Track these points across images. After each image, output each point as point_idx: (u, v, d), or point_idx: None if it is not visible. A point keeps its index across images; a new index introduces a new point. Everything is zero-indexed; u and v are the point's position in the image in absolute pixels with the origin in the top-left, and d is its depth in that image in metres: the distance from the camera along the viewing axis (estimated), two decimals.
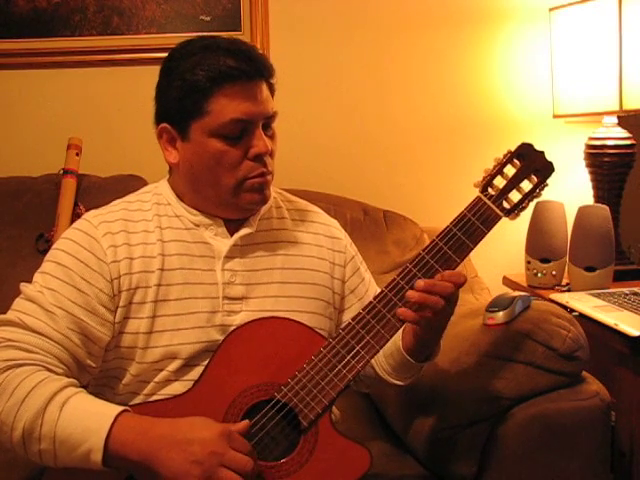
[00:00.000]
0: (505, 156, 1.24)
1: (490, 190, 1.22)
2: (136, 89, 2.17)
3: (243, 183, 1.21)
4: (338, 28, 2.23)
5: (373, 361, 1.32)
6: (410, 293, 1.15)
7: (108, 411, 1.06)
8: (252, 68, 1.19)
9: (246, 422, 1.10)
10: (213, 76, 1.17)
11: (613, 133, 2.12)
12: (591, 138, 2.15)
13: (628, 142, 2.11)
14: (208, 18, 2.17)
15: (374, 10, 2.23)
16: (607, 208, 2.00)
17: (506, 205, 1.22)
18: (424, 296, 1.14)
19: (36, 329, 1.12)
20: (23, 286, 1.18)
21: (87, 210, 1.35)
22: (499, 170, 1.23)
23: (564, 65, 2.15)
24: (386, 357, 1.31)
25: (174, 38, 2.16)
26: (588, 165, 2.16)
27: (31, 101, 2.19)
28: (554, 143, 2.30)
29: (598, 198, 2.15)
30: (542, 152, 1.25)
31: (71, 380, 1.11)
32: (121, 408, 1.07)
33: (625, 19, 1.94)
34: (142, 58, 2.16)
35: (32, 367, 1.09)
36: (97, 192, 1.95)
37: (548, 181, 1.26)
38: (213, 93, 1.17)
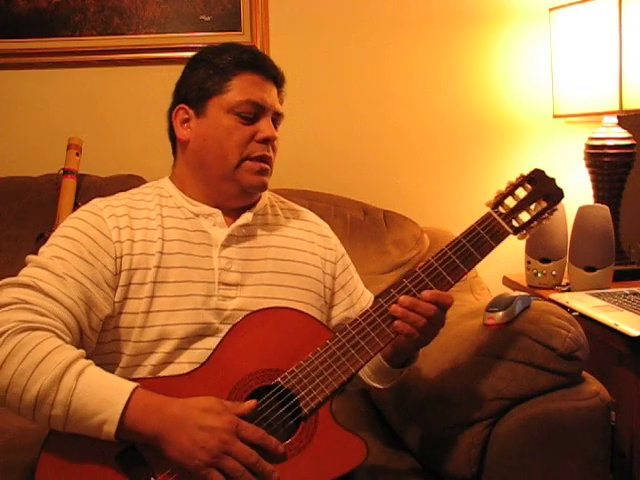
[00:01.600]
0: (517, 179, 1.30)
1: (501, 208, 1.28)
2: (136, 89, 2.18)
3: (245, 161, 1.28)
4: (338, 28, 2.23)
5: None
6: (394, 307, 1.20)
7: (124, 386, 1.10)
8: (269, 70, 1.32)
9: (253, 402, 1.13)
10: (238, 62, 1.30)
11: (613, 133, 2.12)
12: (591, 138, 2.15)
13: (628, 142, 2.11)
14: (208, 18, 2.18)
15: (374, 10, 2.23)
16: (607, 208, 2.00)
17: (515, 224, 1.28)
18: (406, 313, 1.19)
19: (49, 293, 1.15)
20: (31, 256, 1.21)
21: None
22: (511, 191, 1.29)
23: (564, 65, 2.15)
24: None
25: (174, 38, 2.21)
26: (588, 165, 2.16)
27: (31, 101, 2.19)
28: (554, 143, 2.30)
29: (598, 198, 2.15)
30: (553, 179, 1.31)
31: (82, 351, 1.14)
32: (135, 384, 1.11)
33: (625, 19, 1.94)
34: (142, 58, 2.16)
35: (46, 332, 1.11)
36: (97, 192, 1.93)
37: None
38: (236, 74, 1.29)
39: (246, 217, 1.32)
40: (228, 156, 1.28)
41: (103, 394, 1.08)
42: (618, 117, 2.12)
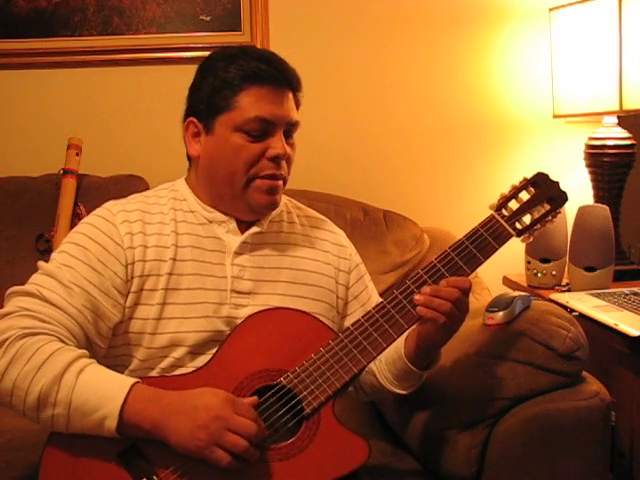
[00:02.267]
0: (521, 182, 1.31)
1: (504, 211, 1.29)
2: (136, 89, 2.18)
3: (253, 180, 1.26)
4: (338, 28, 2.23)
5: (375, 369, 1.36)
6: (417, 296, 1.20)
7: (124, 381, 1.11)
8: (282, 76, 1.27)
9: (254, 398, 1.14)
10: (244, 75, 1.24)
11: (613, 133, 2.12)
12: (591, 138, 2.15)
13: (628, 142, 2.11)
14: (208, 18, 2.17)
15: (374, 10, 2.23)
16: (607, 208, 1.99)
17: (518, 226, 1.28)
18: (429, 299, 1.19)
19: (53, 301, 1.16)
20: (41, 263, 1.22)
21: (87, 210, 1.36)
22: (514, 194, 1.30)
23: (564, 65, 2.15)
24: (388, 365, 1.34)
25: (174, 38, 2.21)
26: (588, 165, 2.16)
27: (31, 101, 2.19)
28: (554, 143, 2.30)
29: (598, 198, 2.15)
30: (557, 182, 1.31)
31: (84, 351, 1.14)
32: (135, 379, 1.12)
33: (625, 19, 1.94)
34: (142, 58, 2.16)
35: (47, 337, 1.12)
36: (97, 192, 1.95)
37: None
38: (242, 90, 1.24)
39: (260, 225, 1.31)
40: (235, 176, 1.25)
41: (103, 390, 1.09)
42: (618, 117, 2.12)
